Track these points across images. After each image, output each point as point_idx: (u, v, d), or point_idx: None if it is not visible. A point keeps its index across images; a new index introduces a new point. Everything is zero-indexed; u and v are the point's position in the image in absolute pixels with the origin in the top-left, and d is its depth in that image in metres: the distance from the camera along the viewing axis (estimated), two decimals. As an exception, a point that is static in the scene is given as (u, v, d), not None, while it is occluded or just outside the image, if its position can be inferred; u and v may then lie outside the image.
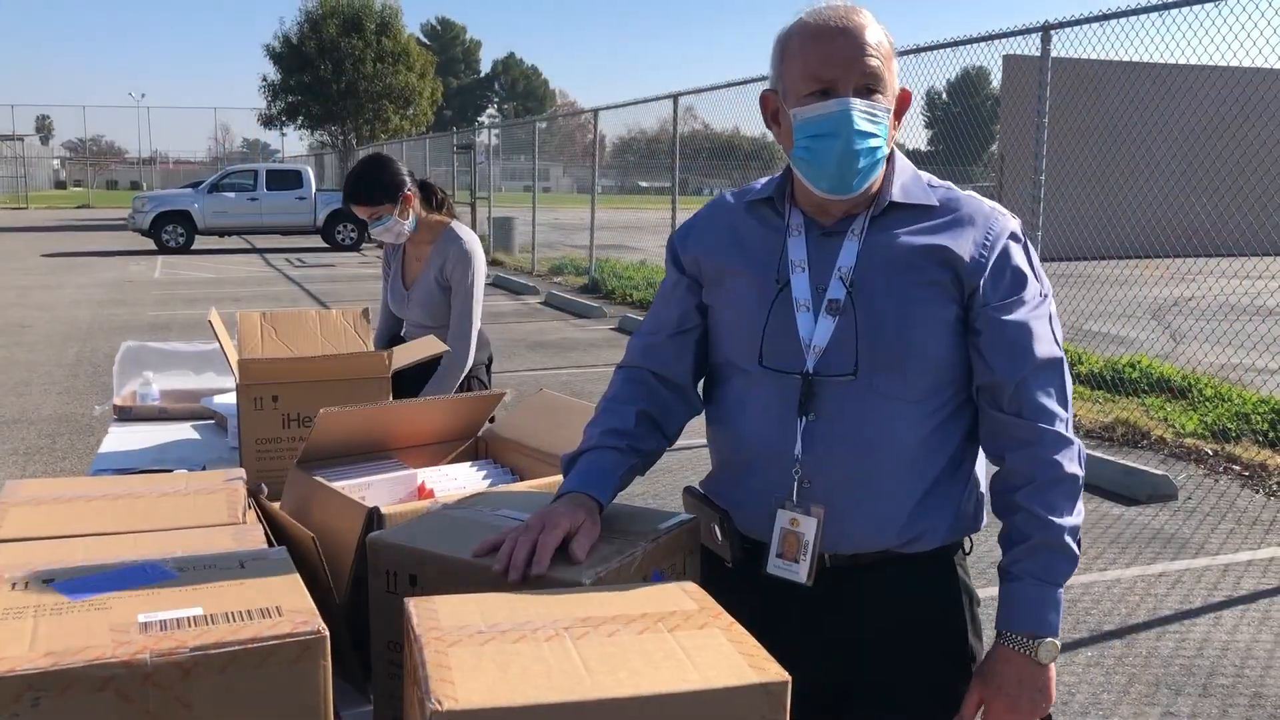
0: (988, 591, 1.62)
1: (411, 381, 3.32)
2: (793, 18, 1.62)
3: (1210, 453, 6.53)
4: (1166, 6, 6.67)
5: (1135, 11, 6.83)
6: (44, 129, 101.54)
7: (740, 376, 1.71)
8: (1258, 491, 5.90)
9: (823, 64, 1.55)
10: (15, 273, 18.07)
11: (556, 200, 44.18)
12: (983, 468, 1.73)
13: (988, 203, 1.66)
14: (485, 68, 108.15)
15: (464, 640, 1.12)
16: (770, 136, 1.76)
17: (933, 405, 1.63)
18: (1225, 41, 6.87)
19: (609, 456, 1.66)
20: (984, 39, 8.09)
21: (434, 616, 1.18)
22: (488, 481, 2.00)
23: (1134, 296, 9.13)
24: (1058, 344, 1.62)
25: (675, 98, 13.37)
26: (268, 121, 40.67)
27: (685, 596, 1.28)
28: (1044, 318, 1.62)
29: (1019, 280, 1.61)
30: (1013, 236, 1.63)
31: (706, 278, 1.75)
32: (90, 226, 32.12)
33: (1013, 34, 7.73)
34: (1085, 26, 7.23)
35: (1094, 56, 7.82)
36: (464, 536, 1.46)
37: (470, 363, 3.51)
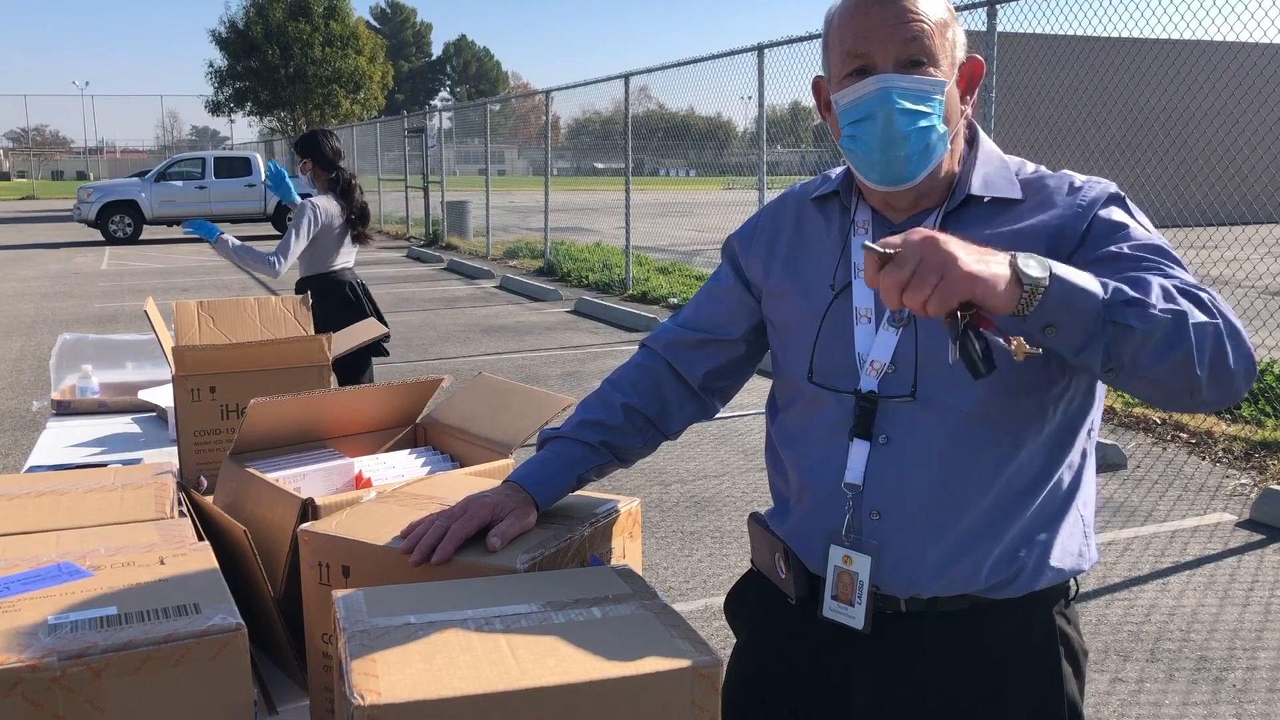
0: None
1: (353, 368, 3.28)
2: None
3: (1158, 421, 6.62)
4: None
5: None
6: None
7: (796, 396, 1.54)
8: (1204, 459, 5.99)
9: (858, 39, 1.37)
10: (-43, 267, 17.71)
11: (512, 183, 44.00)
12: (1089, 498, 1.49)
13: (1080, 175, 1.44)
14: (437, 51, 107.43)
15: (389, 633, 1.09)
16: (724, 115, 1.65)
17: (1027, 426, 1.40)
18: (1171, 15, 6.93)
19: (574, 450, 1.58)
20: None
21: (360, 609, 1.15)
22: (427, 469, 1.96)
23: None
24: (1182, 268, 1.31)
25: (626, 78, 13.30)
26: (215, 108, 40.21)
27: (619, 580, 1.26)
28: (1159, 252, 1.31)
29: (1120, 230, 1.35)
30: (1111, 198, 1.40)
31: (768, 292, 1.59)
32: (35, 218, 31.55)
33: (959, 9, 7.76)
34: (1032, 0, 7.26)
35: (1043, 30, 7.86)
36: (397, 526, 1.43)
37: (275, 275, 4.51)
